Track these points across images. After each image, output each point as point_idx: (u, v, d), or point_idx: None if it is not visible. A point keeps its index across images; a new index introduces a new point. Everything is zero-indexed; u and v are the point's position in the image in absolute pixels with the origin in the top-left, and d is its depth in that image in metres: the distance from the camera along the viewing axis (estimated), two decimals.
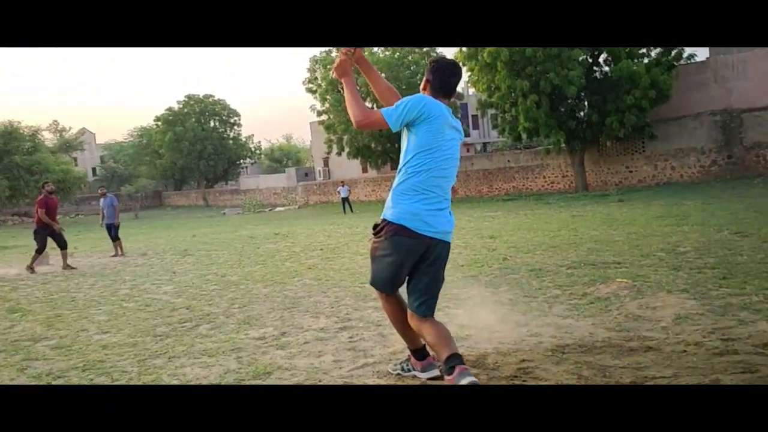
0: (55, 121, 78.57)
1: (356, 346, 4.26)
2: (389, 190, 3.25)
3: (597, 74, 25.37)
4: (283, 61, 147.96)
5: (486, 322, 4.58)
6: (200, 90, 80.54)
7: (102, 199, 14.41)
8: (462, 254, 8.93)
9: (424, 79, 3.34)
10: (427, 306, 3.26)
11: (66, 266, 11.41)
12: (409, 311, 3.29)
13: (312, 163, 54.78)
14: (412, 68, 31.41)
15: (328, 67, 32.27)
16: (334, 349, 4.22)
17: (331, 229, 17.35)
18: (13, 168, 40.91)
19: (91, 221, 37.76)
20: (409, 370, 3.52)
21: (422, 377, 3.44)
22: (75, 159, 61.43)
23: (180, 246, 14.88)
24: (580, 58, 23.96)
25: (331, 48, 32.80)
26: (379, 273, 3.31)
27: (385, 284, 3.32)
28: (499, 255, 8.47)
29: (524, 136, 26.29)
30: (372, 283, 3.43)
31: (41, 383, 3.88)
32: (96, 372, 4.04)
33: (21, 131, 42.72)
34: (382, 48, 32.35)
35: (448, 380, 3.02)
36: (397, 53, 31.79)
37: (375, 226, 3.29)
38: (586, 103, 25.72)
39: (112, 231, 13.83)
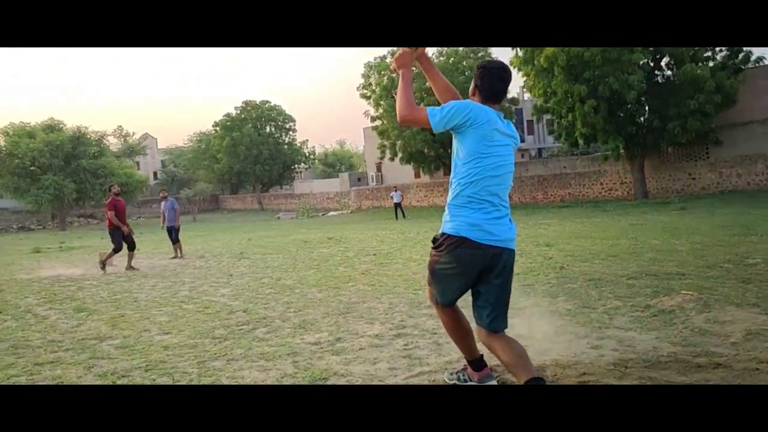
0: (120, 126, 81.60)
1: (411, 353, 4.23)
2: (441, 195, 3.19)
3: (659, 78, 24.63)
4: (337, 67, 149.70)
5: (543, 333, 4.49)
6: (258, 96, 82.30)
7: (163, 203, 14.82)
8: (517, 262, 8.69)
9: (473, 84, 3.21)
10: (499, 320, 3.11)
11: (129, 267, 11.80)
12: (478, 327, 3.17)
13: (365, 168, 55.16)
14: (466, 74, 31.20)
15: (382, 73, 32.46)
16: (390, 356, 4.21)
17: (383, 234, 17.39)
18: (80, 171, 42.71)
19: (151, 223, 39.06)
20: (465, 381, 3.45)
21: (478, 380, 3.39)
22: (138, 163, 63.69)
23: (236, 249, 15.18)
24: (641, 62, 23.32)
25: (385, 55, 32.98)
26: (440, 286, 3.21)
27: (446, 297, 3.22)
28: (556, 263, 8.30)
29: (581, 141, 25.76)
30: (432, 297, 3.32)
31: (106, 382, 4.01)
32: (158, 372, 4.15)
33: (88, 136, 44.56)
34: (436, 53, 32.31)
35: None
36: (452, 58, 31.69)
37: (434, 240, 3.19)
38: (646, 107, 25.02)
39: (173, 234, 14.22)
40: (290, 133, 57.42)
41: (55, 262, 15.58)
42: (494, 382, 3.34)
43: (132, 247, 12.16)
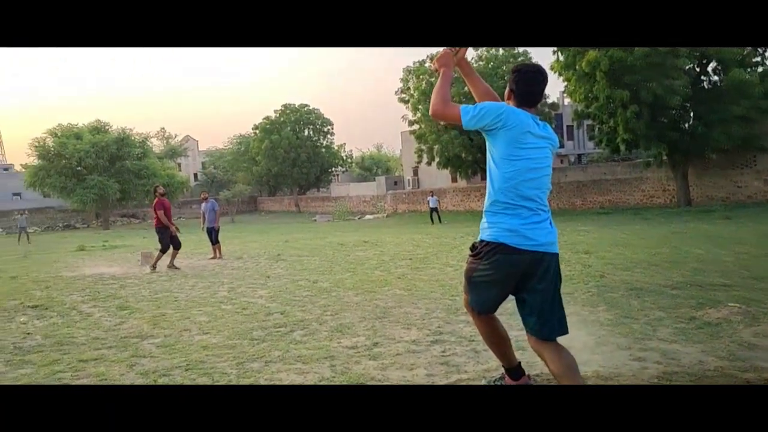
0: (163, 128, 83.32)
1: (449, 360, 4.20)
2: (478, 200, 3.18)
3: (704, 84, 24.02)
4: (375, 71, 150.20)
5: (584, 343, 4.41)
6: (297, 99, 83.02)
7: (204, 204, 15.06)
8: None
9: (507, 88, 3.18)
10: (548, 328, 3.03)
11: (171, 266, 12.01)
12: (528, 335, 3.13)
13: (401, 172, 55.16)
14: (505, 78, 30.96)
15: (421, 77, 32.45)
16: (427, 362, 4.19)
17: (419, 238, 17.35)
18: (123, 172, 43.79)
19: (191, 224, 39.74)
20: None
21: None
22: (179, 164, 64.93)
23: (273, 251, 15.33)
24: (687, 67, 22.78)
25: (424, 59, 32.97)
26: (477, 293, 3.15)
27: (483, 305, 3.18)
28: (596, 272, 8.16)
29: (623, 147, 25.29)
30: (470, 304, 3.26)
31: (148, 381, 4.09)
32: (197, 372, 4.21)
33: (132, 138, 45.66)
34: (476, 58, 32.16)
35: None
36: (491, 63, 31.51)
37: (473, 248, 3.13)
38: (690, 113, 24.43)
39: (212, 234, 14.43)
40: (328, 136, 57.83)
41: (98, 260, 15.98)
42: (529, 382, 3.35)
43: (177, 247, 12.41)
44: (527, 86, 3.11)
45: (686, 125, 24.58)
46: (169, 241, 12.24)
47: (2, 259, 18.00)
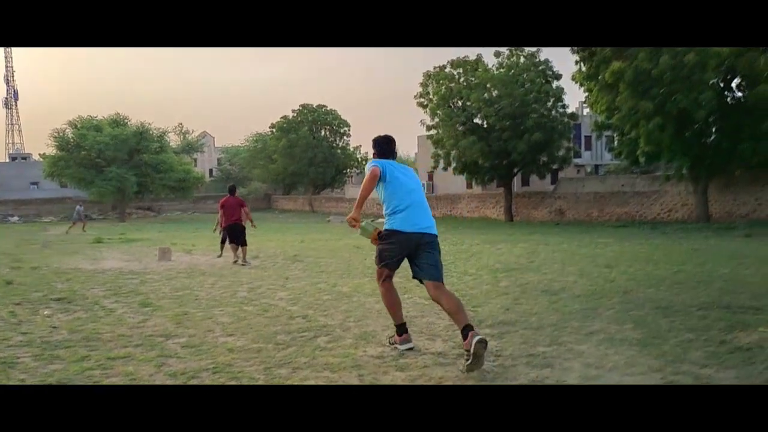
0: (180, 123, 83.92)
1: (476, 375, 4.17)
2: (493, 207, 3.65)
3: (729, 99, 23.77)
4: (394, 74, 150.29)
5: (614, 363, 4.35)
6: (315, 100, 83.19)
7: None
8: (578, 283, 8.60)
9: (374, 152, 5.11)
10: (439, 272, 4.72)
11: (241, 261, 12.56)
12: (429, 286, 4.67)
13: None
14: (526, 86, 30.88)
15: (441, 82, 32.38)
16: (455, 376, 4.16)
17: None
18: (141, 165, 44.11)
19: (205, 219, 39.92)
20: (393, 344, 4.97)
21: (400, 348, 4.85)
22: (195, 160, 65.29)
23: (290, 251, 15.36)
24: (711, 81, 22.55)
25: (444, 65, 32.93)
26: (388, 257, 4.85)
27: (390, 263, 4.87)
28: (619, 287, 8.08)
29: (643, 160, 25.06)
30: (379, 264, 4.94)
31: (177, 382, 4.09)
32: (226, 375, 4.21)
33: (151, 132, 45.98)
34: (496, 65, 32.07)
35: (465, 343, 4.19)
36: (512, 70, 31.39)
37: (379, 235, 4.90)
38: (714, 128, 24.17)
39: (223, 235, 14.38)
40: (344, 137, 57.91)
41: (116, 252, 16.11)
42: (411, 345, 4.88)
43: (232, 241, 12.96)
44: (382, 148, 5.11)
45: (710, 140, 24.33)
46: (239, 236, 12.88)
47: (23, 248, 18.17)
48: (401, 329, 4.94)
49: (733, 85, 23.73)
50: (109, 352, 4.92)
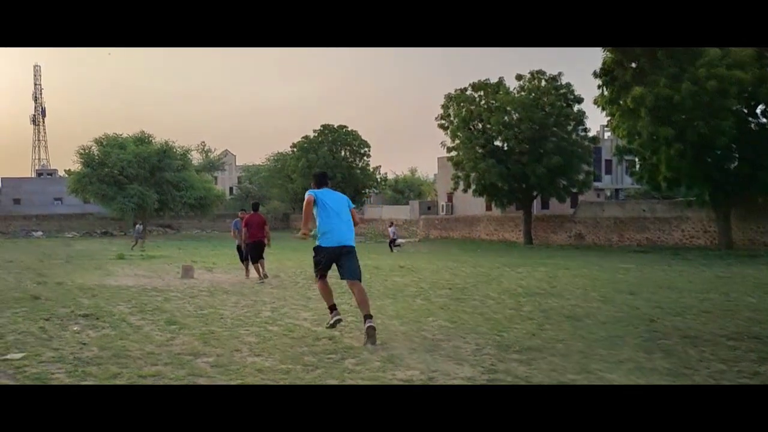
0: (203, 141, 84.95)
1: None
2: (512, 230, 3.66)
3: (752, 125, 23.61)
4: (416, 95, 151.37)
5: None
6: (336, 120, 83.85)
7: (240, 222, 14.39)
8: (602, 309, 8.54)
9: (312, 183, 6.82)
10: (358, 273, 6.42)
11: (262, 276, 12.90)
12: (348, 282, 6.42)
13: (434, 197, 55.10)
14: (546, 109, 30.94)
15: (462, 104, 32.54)
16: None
17: (454, 266, 17.28)
18: (162, 183, 44.64)
19: (224, 237, 40.19)
20: (329, 324, 6.54)
21: (330, 322, 6.47)
22: (215, 178, 65.97)
23: (309, 271, 15.28)
24: (734, 108, 22.44)
25: (466, 87, 33.10)
26: (316, 263, 6.50)
27: (323, 270, 6.48)
28: (644, 315, 8.01)
29: (664, 185, 24.90)
30: (316, 273, 6.57)
31: None
32: None
33: (174, 150, 46.58)
34: (518, 88, 32.18)
35: (365, 326, 6.07)
36: (533, 94, 31.48)
37: (314, 249, 6.47)
38: (736, 155, 24.00)
39: (249, 251, 14.30)
40: (364, 158, 58.21)
41: (138, 269, 16.27)
42: (339, 318, 6.55)
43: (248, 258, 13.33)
44: (319, 180, 6.76)
45: (732, 166, 24.13)
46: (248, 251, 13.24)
47: (44, 263, 18.42)
48: (332, 308, 6.55)
49: (758, 111, 23.59)
50: (139, 369, 4.97)
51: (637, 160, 26.27)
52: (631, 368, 5.05)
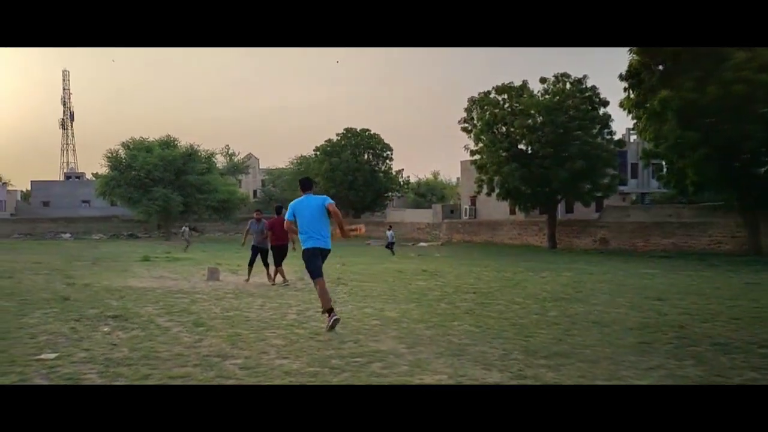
0: (227, 145, 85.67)
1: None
2: (535, 234, 3.61)
3: None
4: (439, 99, 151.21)
5: None
6: (360, 124, 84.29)
7: (256, 223, 14.19)
8: (629, 315, 8.44)
9: (299, 188, 7.78)
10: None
11: (273, 279, 13.21)
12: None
13: (457, 201, 54.95)
14: (570, 113, 30.68)
15: (485, 108, 32.43)
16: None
17: (478, 270, 17.20)
18: (187, 186, 45.17)
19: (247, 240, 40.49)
20: (328, 324, 7.04)
21: (330, 323, 6.99)
22: (239, 181, 66.54)
23: (332, 274, 15.39)
24: (762, 111, 22.04)
25: (489, 90, 32.98)
26: (312, 266, 7.43)
27: (315, 270, 7.40)
28: (673, 321, 7.90)
29: (691, 189, 24.53)
30: (310, 274, 7.53)
31: None
32: None
33: (199, 153, 47.14)
34: (542, 91, 31.98)
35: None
36: (557, 97, 31.26)
37: (303, 251, 7.43)
38: (766, 159, 23.56)
39: (266, 255, 14.08)
40: (387, 161, 58.32)
41: (163, 271, 16.45)
42: (336, 317, 7.10)
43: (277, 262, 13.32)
44: (302, 185, 7.81)
45: (761, 170, 23.71)
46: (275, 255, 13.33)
47: (72, 265, 18.73)
48: (329, 312, 7.12)
49: None
50: (169, 371, 5.03)
51: (664, 164, 25.92)
52: (663, 375, 4.99)
